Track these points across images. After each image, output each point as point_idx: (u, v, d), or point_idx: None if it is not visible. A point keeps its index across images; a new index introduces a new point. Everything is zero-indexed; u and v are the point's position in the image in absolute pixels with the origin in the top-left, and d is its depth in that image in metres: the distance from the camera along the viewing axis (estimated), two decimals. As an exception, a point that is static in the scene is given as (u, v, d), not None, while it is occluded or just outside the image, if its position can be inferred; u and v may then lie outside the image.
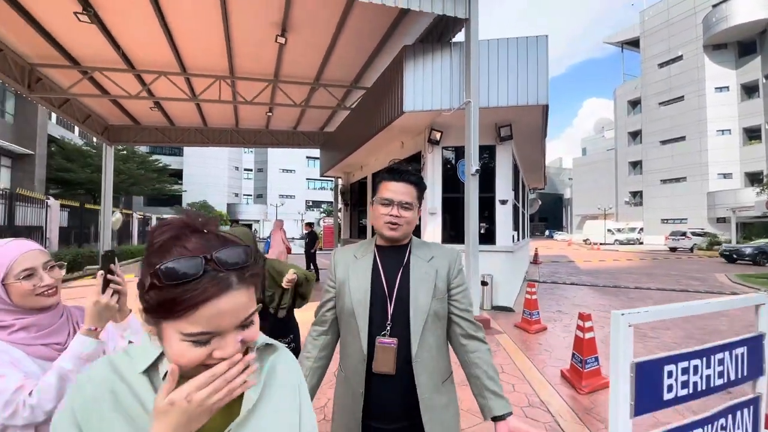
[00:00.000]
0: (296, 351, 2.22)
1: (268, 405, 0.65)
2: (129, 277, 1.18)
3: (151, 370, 0.59)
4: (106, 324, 1.07)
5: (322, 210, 48.30)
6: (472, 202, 5.60)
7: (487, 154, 7.27)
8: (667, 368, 1.30)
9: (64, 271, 1.13)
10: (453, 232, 7.40)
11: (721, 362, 1.45)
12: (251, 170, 59.36)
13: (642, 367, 1.24)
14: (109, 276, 1.06)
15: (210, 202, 44.54)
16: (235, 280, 0.56)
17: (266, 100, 9.78)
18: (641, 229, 39.07)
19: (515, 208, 9.63)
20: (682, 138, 35.81)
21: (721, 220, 31.48)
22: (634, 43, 43.82)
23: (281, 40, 6.91)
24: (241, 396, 0.60)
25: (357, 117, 9.21)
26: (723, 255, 18.86)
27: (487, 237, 7.21)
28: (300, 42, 7.38)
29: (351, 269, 1.28)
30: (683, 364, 1.34)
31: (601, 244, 36.22)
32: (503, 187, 7.24)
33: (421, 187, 1.30)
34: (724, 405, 1.50)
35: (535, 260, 16.17)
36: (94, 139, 27.92)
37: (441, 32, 6.79)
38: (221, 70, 8.44)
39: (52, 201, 11.40)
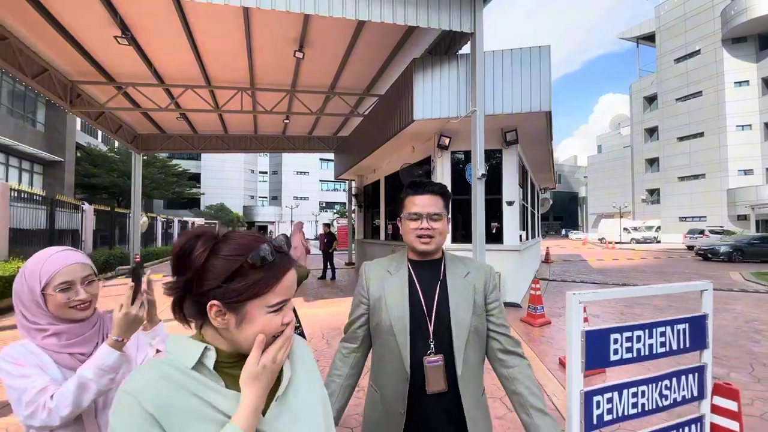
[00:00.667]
0: (301, 335, 2.59)
1: (300, 376, 0.75)
2: (157, 276, 1.36)
3: (198, 366, 0.64)
4: (133, 334, 1.10)
5: (335, 211, 49.08)
6: (479, 204, 5.97)
7: (495, 157, 7.62)
8: (613, 336, 1.69)
9: (101, 285, 1.18)
10: (463, 231, 7.77)
11: (663, 335, 1.83)
12: (266, 173, 60.57)
13: (591, 334, 1.64)
14: (143, 286, 1.12)
15: (227, 204, 45.74)
16: (291, 263, 0.70)
17: (284, 108, 10.34)
18: (659, 228, 38.48)
19: (524, 208, 9.93)
20: (701, 134, 35.16)
21: (742, 218, 30.84)
22: (650, 38, 43.15)
23: (299, 54, 7.42)
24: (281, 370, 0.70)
25: (370, 123, 9.67)
26: (698, 254, 18.50)
27: (496, 236, 7.56)
28: (316, 55, 7.88)
29: (386, 285, 1.25)
30: (627, 334, 1.73)
31: (616, 242, 35.83)
32: (510, 189, 7.58)
33: (446, 196, 1.31)
34: (670, 369, 1.88)
35: (547, 259, 16.34)
36: (116, 143, 29.21)
37: (449, 44, 7.18)
38: (243, 82, 9.01)
39: (86, 206, 12.22)
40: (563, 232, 61.00)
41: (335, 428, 0.85)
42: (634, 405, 1.75)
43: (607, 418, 1.67)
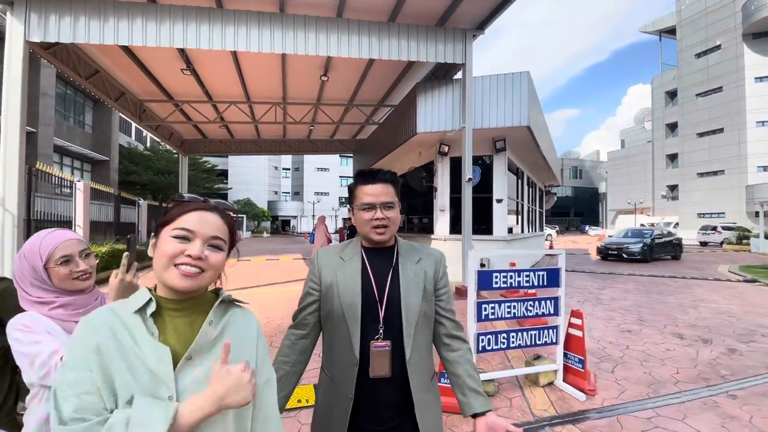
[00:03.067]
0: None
1: (221, 343, 0.80)
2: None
3: (141, 311, 0.76)
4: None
5: (355, 206, 50.71)
6: (467, 203, 7.44)
7: (487, 162, 9.04)
8: (494, 275, 3.21)
9: (97, 260, 1.28)
10: (459, 225, 9.23)
11: (527, 276, 3.33)
12: (289, 169, 63.02)
13: (481, 272, 3.17)
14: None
15: (252, 199, 48.25)
16: (214, 208, 0.85)
17: (309, 119, 12.01)
18: (676, 224, 38.42)
19: (518, 205, 11.28)
20: (720, 130, 34.94)
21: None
22: (673, 32, 42.65)
23: (324, 78, 9.03)
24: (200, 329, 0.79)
25: (383, 131, 11.21)
26: (599, 251, 15.38)
27: (486, 228, 9.00)
28: (338, 77, 9.47)
29: (338, 272, 1.26)
30: (504, 274, 3.25)
31: (631, 238, 36.00)
32: (499, 189, 8.99)
33: (397, 183, 1.29)
34: (532, 297, 3.37)
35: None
36: (148, 142, 31.72)
37: (446, 70, 8.62)
38: (276, 98, 10.72)
39: (142, 201, 14.30)
40: (584, 227, 60.69)
41: (279, 414, 0.89)
42: (508, 312, 3.27)
43: (491, 316, 3.21)
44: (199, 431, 0.72)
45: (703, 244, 27.26)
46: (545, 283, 3.41)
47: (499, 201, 8.97)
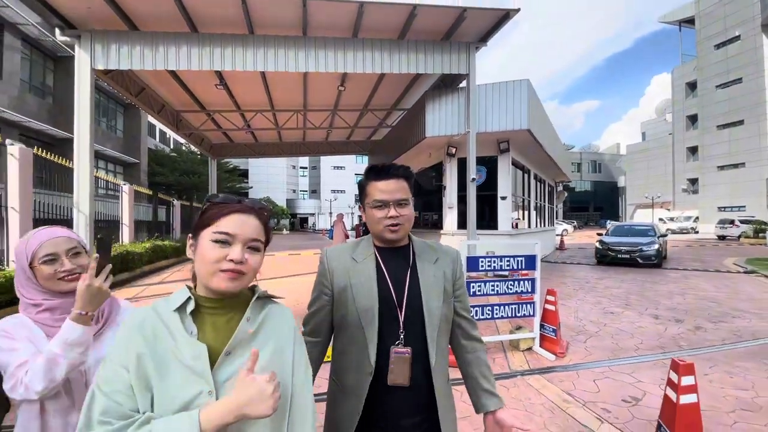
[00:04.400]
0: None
1: (257, 341, 0.83)
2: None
3: (180, 309, 0.80)
4: (98, 307, 1.08)
5: (370, 203, 51.71)
6: (471, 200, 8.20)
7: (492, 162, 9.77)
8: (481, 260, 4.04)
9: (87, 259, 1.18)
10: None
11: (508, 261, 4.15)
12: (306, 168, 64.53)
13: (470, 258, 4.00)
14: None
15: (271, 198, 49.89)
16: (251, 209, 0.86)
17: (327, 124, 12.94)
18: (696, 218, 37.91)
19: (524, 202, 11.94)
20: (741, 122, 34.29)
21: (782, 208, 30.19)
22: (692, 21, 41.79)
23: (341, 88, 9.92)
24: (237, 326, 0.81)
25: (396, 134, 12.04)
26: (598, 255, 12.22)
27: (492, 224, 9.75)
28: (354, 86, 10.33)
29: (352, 274, 1.18)
30: (488, 259, 4.07)
31: (648, 233, 35.72)
32: (504, 187, 9.72)
33: (411, 178, 1.23)
34: (513, 277, 4.18)
35: (561, 247, 18.03)
36: (171, 144, 33.22)
37: (453, 79, 9.37)
38: (297, 105, 11.67)
39: (175, 202, 15.56)
40: (603, 222, 59.76)
41: (315, 413, 0.88)
42: (492, 289, 4.08)
43: (477, 293, 4.03)
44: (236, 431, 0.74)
45: (721, 237, 27.06)
46: (523, 267, 4.21)
47: (504, 198, 9.69)
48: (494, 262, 4.09)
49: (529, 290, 4.24)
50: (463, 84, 8.78)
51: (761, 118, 32.43)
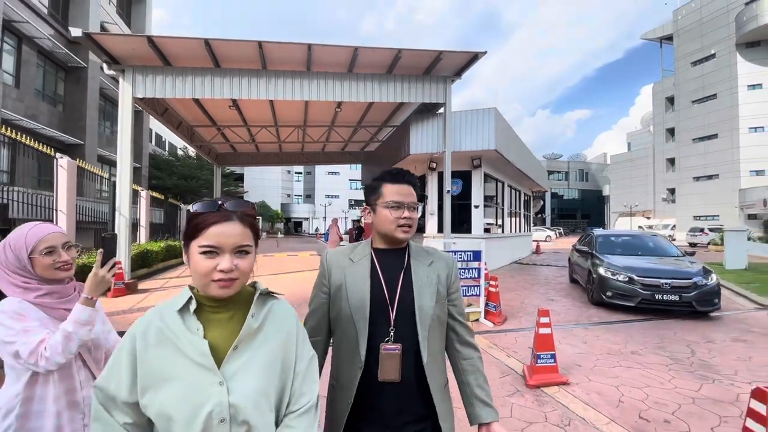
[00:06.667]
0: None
1: (262, 335, 0.88)
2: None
3: (183, 309, 0.85)
4: (101, 293, 1.27)
5: (363, 208, 53.18)
6: (447, 208, 9.72)
7: (467, 176, 11.33)
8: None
9: (77, 252, 1.40)
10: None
11: (461, 255, 5.64)
12: (301, 173, 65.79)
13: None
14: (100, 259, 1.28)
15: (266, 202, 51.06)
16: (232, 216, 0.85)
17: (324, 139, 14.48)
18: (674, 226, 39.92)
19: (496, 210, 13.51)
20: (715, 135, 36.41)
21: (753, 217, 32.22)
22: (672, 39, 44.13)
23: (338, 109, 11.45)
24: (243, 322, 0.86)
25: (385, 148, 13.58)
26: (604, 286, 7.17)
27: (466, 228, 11.28)
28: (349, 107, 11.87)
29: (347, 273, 1.25)
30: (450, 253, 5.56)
31: (628, 239, 37.50)
32: (477, 197, 11.27)
33: (417, 187, 1.31)
34: (464, 267, 5.68)
35: (537, 251, 19.68)
36: (167, 149, 34.29)
37: (432, 106, 10.95)
38: (298, 122, 13.18)
39: (183, 206, 16.92)
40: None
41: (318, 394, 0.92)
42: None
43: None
44: (245, 383, 0.82)
45: (693, 245, 28.92)
46: (471, 259, 5.71)
47: (476, 207, 11.23)
48: (454, 254, 5.56)
49: (476, 276, 5.74)
50: (441, 110, 10.36)
51: (734, 132, 34.55)
